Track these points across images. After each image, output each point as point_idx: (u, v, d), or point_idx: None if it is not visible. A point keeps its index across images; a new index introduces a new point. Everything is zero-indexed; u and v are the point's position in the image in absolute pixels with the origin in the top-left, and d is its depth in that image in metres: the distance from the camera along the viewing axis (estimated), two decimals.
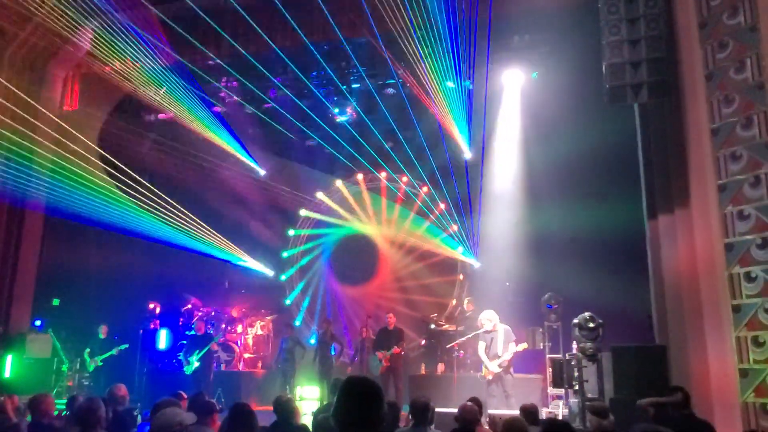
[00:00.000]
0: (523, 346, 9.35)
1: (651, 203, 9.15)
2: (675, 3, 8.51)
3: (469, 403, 5.35)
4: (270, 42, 11.11)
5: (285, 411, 5.48)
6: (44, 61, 11.91)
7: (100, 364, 11.82)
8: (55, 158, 12.18)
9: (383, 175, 14.33)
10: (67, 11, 10.68)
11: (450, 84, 11.69)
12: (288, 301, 15.05)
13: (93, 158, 12.01)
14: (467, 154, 12.64)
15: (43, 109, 11.81)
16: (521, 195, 12.34)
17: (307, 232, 15.37)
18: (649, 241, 9.23)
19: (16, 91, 11.37)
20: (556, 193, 11.56)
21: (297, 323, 14.33)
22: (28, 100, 11.49)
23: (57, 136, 11.95)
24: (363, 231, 14.86)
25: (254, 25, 11.04)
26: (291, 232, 15.41)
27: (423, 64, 11.32)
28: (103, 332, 12.05)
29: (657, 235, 8.95)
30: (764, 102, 7.28)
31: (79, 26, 10.88)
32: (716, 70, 7.80)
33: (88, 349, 12.01)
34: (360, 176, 14.64)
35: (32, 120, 11.66)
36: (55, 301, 13.87)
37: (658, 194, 8.97)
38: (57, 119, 11.97)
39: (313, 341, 12.66)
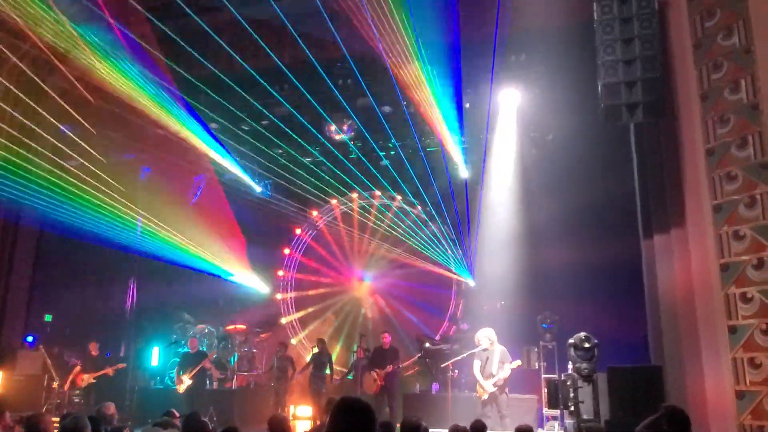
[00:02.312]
0: (517, 363, 9.28)
1: (646, 223, 9.15)
2: (669, 24, 8.60)
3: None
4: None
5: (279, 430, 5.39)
6: (42, 76, 11.92)
7: (93, 381, 11.69)
8: (50, 174, 12.16)
9: (378, 193, 14.33)
10: (66, 27, 10.73)
11: (447, 103, 11.73)
12: (283, 320, 14.95)
13: (87, 173, 11.97)
14: (464, 173, 12.66)
15: (39, 125, 11.81)
16: (517, 213, 12.33)
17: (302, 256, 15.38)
18: (644, 260, 9.22)
19: (13, 105, 11.37)
20: (552, 212, 11.56)
21: (293, 342, 14.25)
22: (24, 117, 11.49)
23: (53, 150, 11.95)
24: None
25: (253, 40, 11.12)
26: (286, 251, 15.37)
27: (419, 83, 11.36)
28: (93, 349, 11.92)
29: (652, 255, 8.94)
30: (759, 122, 7.31)
31: (77, 42, 10.91)
32: (711, 90, 7.85)
33: (79, 366, 11.89)
34: (355, 195, 14.63)
35: (28, 135, 11.64)
36: (48, 317, 13.76)
37: (654, 214, 8.99)
38: (53, 133, 11.96)
39: (308, 358, 12.54)
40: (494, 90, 12.14)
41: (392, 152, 13.54)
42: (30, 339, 12.93)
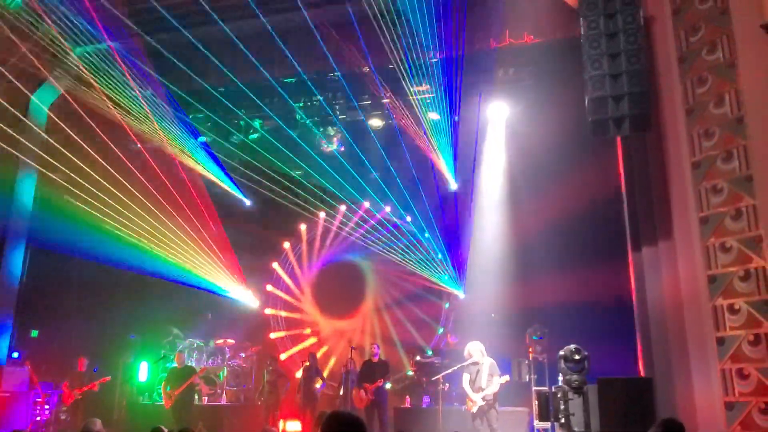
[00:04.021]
0: (506, 378, 9.27)
1: (635, 235, 9.21)
2: (655, 39, 8.71)
3: None
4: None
5: None
6: (31, 88, 11.91)
7: (79, 397, 11.53)
8: (38, 187, 12.11)
9: (367, 205, 14.34)
10: (54, 40, 10.74)
11: (436, 116, 11.81)
12: (272, 336, 14.87)
13: (77, 187, 11.91)
14: (453, 186, 12.72)
15: (27, 137, 11.76)
16: (507, 226, 12.39)
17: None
18: (633, 272, 9.27)
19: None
20: (541, 224, 11.62)
21: (282, 357, 14.16)
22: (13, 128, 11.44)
23: (41, 163, 11.90)
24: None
25: (244, 54, 11.18)
26: (275, 265, 15.33)
27: (409, 97, 11.44)
28: (80, 365, 11.78)
29: (641, 267, 8.99)
30: (744, 136, 7.42)
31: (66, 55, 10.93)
32: (696, 104, 7.97)
33: (66, 382, 11.74)
34: (343, 207, 14.62)
35: (16, 147, 11.59)
36: (34, 333, 13.60)
37: (642, 226, 9.04)
38: (41, 147, 11.91)
39: (298, 374, 12.48)
40: (483, 104, 12.26)
41: (381, 165, 13.57)
42: (16, 355, 12.76)
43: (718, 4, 7.83)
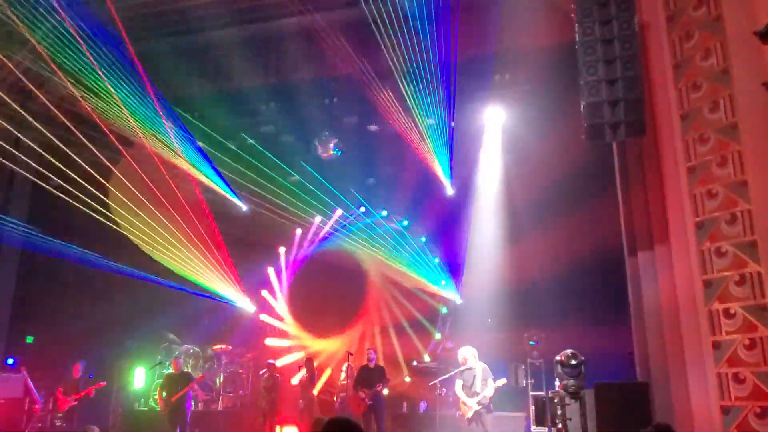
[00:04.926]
0: (502, 381, 9.27)
1: (630, 240, 9.23)
2: (650, 45, 8.76)
3: None
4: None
5: None
6: (27, 96, 11.91)
7: (74, 403, 11.48)
8: (33, 190, 12.09)
9: (362, 210, 14.34)
10: (50, 47, 10.75)
11: (431, 121, 11.84)
12: (268, 342, 14.83)
13: (74, 194, 11.91)
14: (449, 191, 12.74)
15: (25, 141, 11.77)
16: (504, 231, 12.41)
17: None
18: (629, 277, 9.29)
19: None
20: (538, 230, 11.65)
21: (278, 364, 14.12)
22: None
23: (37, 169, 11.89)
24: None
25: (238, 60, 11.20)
26: (269, 270, 15.32)
27: (405, 102, 11.47)
28: (75, 371, 11.73)
29: (637, 271, 9.01)
30: (738, 141, 7.47)
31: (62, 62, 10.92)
32: (691, 109, 8.01)
33: (61, 388, 11.70)
34: (339, 211, 14.62)
35: (11, 153, 11.58)
36: (29, 339, 13.54)
37: (638, 231, 9.07)
38: (40, 152, 11.91)
39: (294, 381, 12.45)
40: (479, 109, 12.28)
41: (379, 169, 13.58)
42: (11, 361, 12.71)
43: (711, 10, 7.89)
